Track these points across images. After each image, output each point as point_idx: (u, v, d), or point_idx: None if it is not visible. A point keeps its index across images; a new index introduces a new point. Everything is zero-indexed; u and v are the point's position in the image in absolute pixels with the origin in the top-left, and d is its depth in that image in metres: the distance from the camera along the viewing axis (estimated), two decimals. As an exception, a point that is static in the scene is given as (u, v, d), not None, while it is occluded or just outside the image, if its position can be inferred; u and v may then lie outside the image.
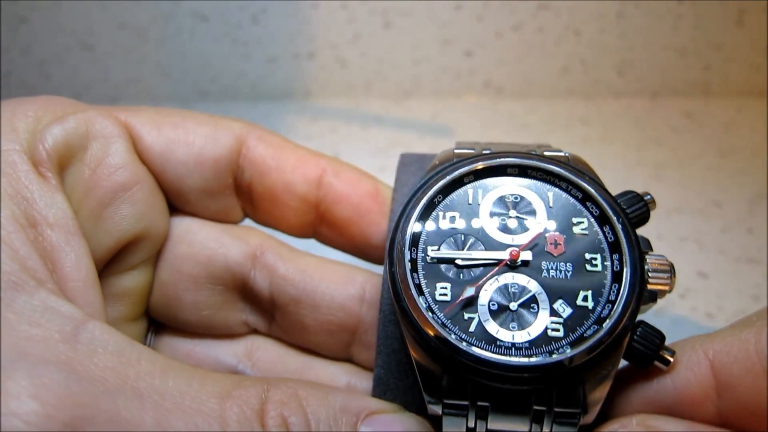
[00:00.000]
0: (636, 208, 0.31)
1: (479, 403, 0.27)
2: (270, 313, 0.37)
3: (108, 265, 0.33)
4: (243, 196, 0.37)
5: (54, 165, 0.29)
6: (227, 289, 0.36)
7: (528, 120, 0.72)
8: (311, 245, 0.39)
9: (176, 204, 0.36)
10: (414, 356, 0.29)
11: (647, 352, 0.28)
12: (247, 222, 0.38)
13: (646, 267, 0.29)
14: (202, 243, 0.35)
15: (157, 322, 0.37)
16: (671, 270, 0.30)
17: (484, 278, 0.30)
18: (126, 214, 0.32)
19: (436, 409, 0.28)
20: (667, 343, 0.29)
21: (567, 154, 0.34)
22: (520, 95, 0.75)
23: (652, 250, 0.31)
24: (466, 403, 0.27)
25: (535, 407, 0.27)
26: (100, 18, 0.69)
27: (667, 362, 0.28)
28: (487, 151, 0.34)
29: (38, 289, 0.25)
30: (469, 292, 0.29)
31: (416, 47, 0.72)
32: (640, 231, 0.32)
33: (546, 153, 0.34)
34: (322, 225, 0.37)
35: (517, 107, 0.74)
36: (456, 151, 0.34)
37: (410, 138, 0.70)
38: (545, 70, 0.74)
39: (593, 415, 0.27)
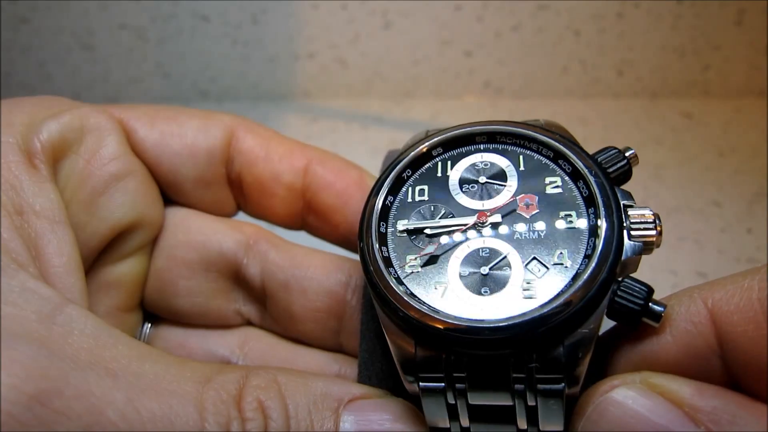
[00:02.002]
0: (616, 165, 0.30)
1: (455, 374, 0.26)
2: (261, 301, 0.37)
3: (103, 253, 0.34)
4: (234, 187, 0.38)
5: (48, 156, 0.30)
6: (221, 276, 0.37)
7: (528, 120, 0.73)
8: (304, 240, 0.39)
9: (171, 195, 0.37)
10: (387, 334, 0.28)
11: (633, 308, 0.26)
12: (240, 216, 0.39)
13: (626, 220, 0.28)
14: (198, 230, 0.36)
15: (151, 316, 0.38)
16: (656, 220, 0.28)
17: (450, 238, 0.29)
18: (119, 203, 0.33)
19: (414, 387, 0.27)
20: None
21: (542, 121, 0.33)
22: (520, 95, 0.75)
23: (634, 202, 0.30)
24: (442, 375, 0.26)
25: (514, 375, 0.25)
26: (100, 18, 0.69)
27: (657, 317, 0.26)
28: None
29: (18, 272, 0.25)
30: (430, 248, 0.29)
31: (416, 47, 0.72)
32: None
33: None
34: (309, 214, 0.38)
35: (516, 107, 0.74)
36: (428, 132, 0.34)
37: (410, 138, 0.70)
38: (545, 70, 0.74)
39: (578, 386, 0.26)
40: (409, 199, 0.31)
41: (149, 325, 0.38)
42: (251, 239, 0.36)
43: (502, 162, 0.31)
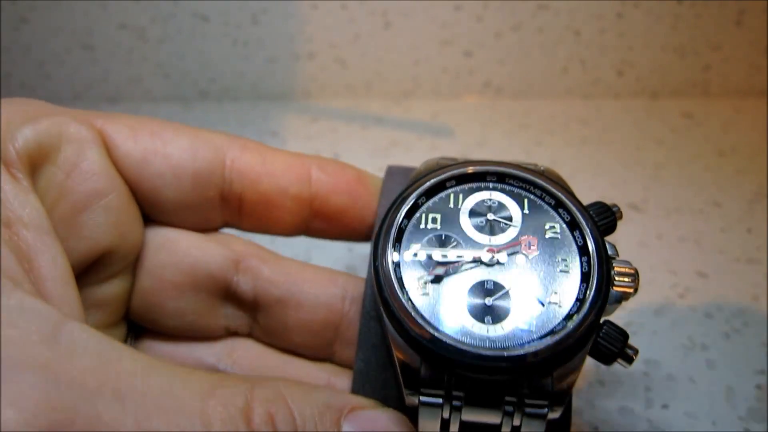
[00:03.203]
0: (604, 218, 0.34)
1: (455, 393, 0.29)
2: (252, 315, 0.37)
3: (84, 275, 0.32)
4: (230, 207, 0.36)
5: (24, 166, 0.29)
6: (210, 295, 0.36)
7: (528, 120, 0.72)
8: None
9: (151, 214, 0.35)
10: (394, 349, 0.30)
11: (612, 351, 0.30)
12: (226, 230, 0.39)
13: (612, 271, 0.32)
14: (185, 251, 0.35)
15: (136, 325, 0.37)
16: (635, 274, 0.32)
17: (458, 266, 0.32)
18: (101, 222, 0.32)
19: (414, 400, 0.30)
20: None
21: (542, 167, 0.37)
22: (520, 95, 0.75)
23: (618, 255, 0.33)
24: (442, 392, 0.29)
25: (507, 398, 0.29)
26: (100, 18, 0.69)
27: (630, 360, 0.30)
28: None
29: (14, 290, 0.24)
30: (439, 270, 0.31)
31: (416, 47, 0.72)
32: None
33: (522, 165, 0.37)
34: (315, 220, 0.38)
35: (516, 107, 0.74)
36: (441, 160, 0.37)
37: (410, 138, 0.70)
38: (545, 70, 0.74)
39: (560, 412, 0.29)
40: (422, 225, 0.33)
41: (133, 335, 0.37)
42: (240, 256, 0.36)
43: (508, 202, 0.34)
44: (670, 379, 0.47)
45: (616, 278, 0.31)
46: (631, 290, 0.31)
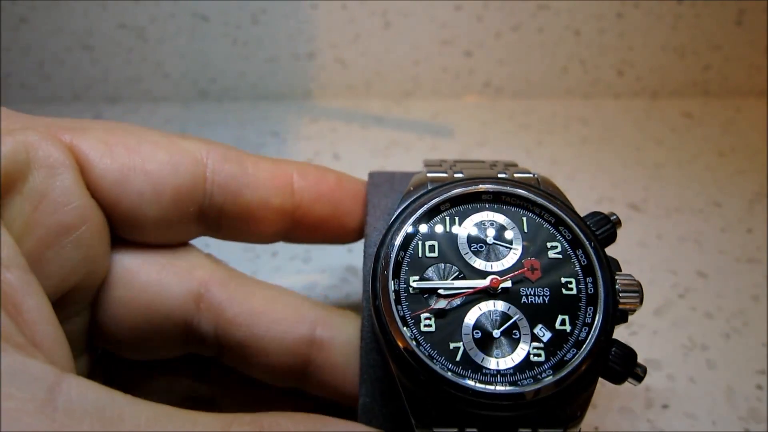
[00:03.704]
0: (604, 229, 0.33)
1: (468, 430, 0.28)
2: (215, 351, 0.36)
3: None
4: (209, 220, 0.35)
5: None
6: (170, 335, 0.34)
7: (528, 120, 0.72)
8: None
9: (125, 234, 0.33)
10: (402, 390, 0.29)
11: (623, 372, 0.30)
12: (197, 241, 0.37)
13: (617, 287, 0.31)
14: (142, 287, 0.33)
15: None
16: (640, 289, 0.31)
17: (462, 298, 0.31)
18: (70, 257, 0.29)
19: None
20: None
21: (536, 176, 0.35)
22: (520, 95, 0.75)
23: (621, 270, 0.32)
24: (456, 430, 0.28)
25: (521, 429, 0.28)
26: (100, 18, 0.69)
27: (640, 379, 0.30)
28: (459, 174, 0.34)
29: (7, 350, 0.22)
30: (441, 303, 0.30)
31: (416, 47, 0.72)
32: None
33: (516, 174, 0.34)
34: (296, 229, 0.37)
35: (516, 107, 0.74)
36: (428, 175, 0.35)
37: (410, 138, 0.70)
38: (545, 70, 0.74)
39: (576, 430, 0.29)
40: (419, 255, 0.32)
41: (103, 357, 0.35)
42: (202, 287, 0.34)
43: (507, 223, 0.33)
44: (670, 379, 0.47)
45: (621, 295, 0.30)
46: (636, 305, 0.31)
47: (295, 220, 0.36)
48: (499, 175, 0.34)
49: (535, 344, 0.29)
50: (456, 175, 0.35)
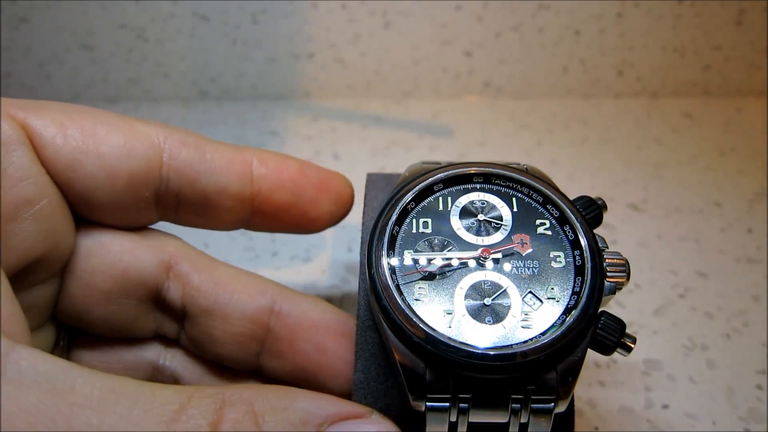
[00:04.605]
0: (590, 209, 0.35)
1: (461, 395, 0.29)
2: (180, 323, 0.36)
3: (10, 281, 0.30)
4: (166, 206, 0.35)
5: None
6: (140, 301, 0.35)
7: (528, 120, 0.72)
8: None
9: (83, 214, 0.33)
10: (396, 356, 0.30)
11: (611, 341, 0.31)
12: (162, 225, 0.37)
13: (604, 263, 0.32)
14: (116, 257, 0.33)
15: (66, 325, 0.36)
16: (626, 264, 0.32)
17: (455, 268, 0.32)
18: (31, 231, 0.29)
19: (420, 405, 0.30)
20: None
21: (524, 165, 0.37)
22: (520, 95, 0.75)
23: (607, 247, 0.33)
24: (449, 396, 0.29)
25: (513, 396, 0.29)
26: (100, 18, 0.69)
27: (629, 349, 0.31)
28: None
29: None
30: (432, 267, 0.32)
31: (416, 47, 0.72)
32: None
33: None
34: (256, 216, 0.37)
35: (517, 107, 0.74)
36: (424, 165, 0.37)
37: (410, 138, 0.70)
38: (545, 70, 0.74)
39: (565, 405, 0.30)
40: (413, 230, 0.34)
41: (66, 335, 0.36)
42: (173, 259, 0.35)
43: (497, 202, 0.35)
44: (670, 379, 0.47)
45: (608, 269, 0.32)
46: (624, 279, 0.32)
47: (255, 207, 0.36)
48: None
49: (525, 311, 0.31)
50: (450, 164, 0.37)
